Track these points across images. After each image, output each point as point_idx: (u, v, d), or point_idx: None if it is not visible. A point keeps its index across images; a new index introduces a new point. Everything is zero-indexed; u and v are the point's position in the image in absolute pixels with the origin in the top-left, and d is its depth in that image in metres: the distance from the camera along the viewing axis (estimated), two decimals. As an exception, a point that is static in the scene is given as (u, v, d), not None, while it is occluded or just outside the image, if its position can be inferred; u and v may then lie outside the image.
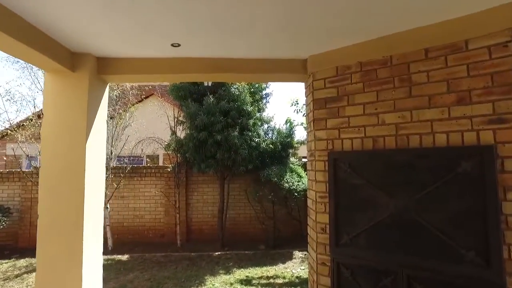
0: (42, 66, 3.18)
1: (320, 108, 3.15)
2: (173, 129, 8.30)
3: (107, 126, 8.42)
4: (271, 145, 7.70)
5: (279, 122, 26.25)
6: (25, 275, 6.01)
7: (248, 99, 7.29)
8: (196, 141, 7.10)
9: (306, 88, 3.55)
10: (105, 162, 3.79)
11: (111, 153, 8.07)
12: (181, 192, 8.46)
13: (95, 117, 3.44)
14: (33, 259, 7.02)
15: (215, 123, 6.94)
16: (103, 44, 3.11)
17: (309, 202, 3.44)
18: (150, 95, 11.30)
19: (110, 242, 7.71)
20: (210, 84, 7.16)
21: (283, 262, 6.51)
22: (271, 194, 7.55)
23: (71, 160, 3.23)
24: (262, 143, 7.54)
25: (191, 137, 7.18)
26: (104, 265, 6.75)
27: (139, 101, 10.50)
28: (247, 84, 7.50)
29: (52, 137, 3.25)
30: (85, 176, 3.21)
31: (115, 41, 2.99)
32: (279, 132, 8.27)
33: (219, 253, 7.26)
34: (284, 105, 32.39)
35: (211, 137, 6.99)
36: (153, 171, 8.77)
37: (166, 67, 3.45)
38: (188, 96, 7.31)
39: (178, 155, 8.30)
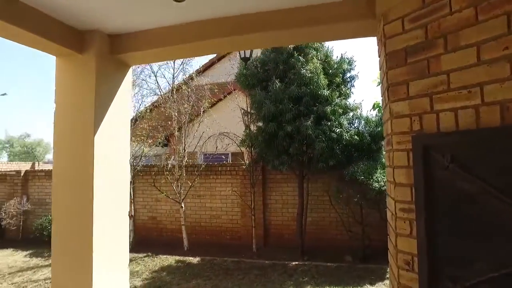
0: (48, 50, 2.75)
1: (397, 65, 1.93)
2: (246, 122, 7.62)
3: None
4: (356, 137, 6.34)
5: (367, 108, 23.12)
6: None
7: (323, 81, 6.09)
8: (265, 134, 6.25)
9: (378, 42, 2.32)
10: (128, 156, 3.23)
11: (184, 151, 7.86)
12: (257, 192, 7.75)
13: (109, 105, 2.88)
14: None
15: (284, 112, 5.97)
16: (108, 15, 2.51)
17: (388, 215, 2.23)
18: (229, 93, 10.93)
19: (185, 243, 7.50)
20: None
21: (372, 283, 5.16)
22: (358, 196, 6.21)
23: (78, 154, 2.73)
24: (345, 134, 6.24)
25: (259, 130, 6.37)
26: (173, 267, 6.65)
27: (220, 99, 10.24)
28: (321, 64, 6.30)
29: (62, 129, 2.80)
30: (94, 172, 2.65)
31: (118, 8, 2.36)
32: (367, 120, 6.81)
33: (297, 263, 6.28)
34: (372, 87, 28.88)
35: (281, 129, 6.05)
36: (228, 169, 8.29)
37: (177, 36, 2.67)
38: (256, 84, 6.51)
39: (252, 151, 7.61)
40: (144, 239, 8.21)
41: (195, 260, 6.64)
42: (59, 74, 2.86)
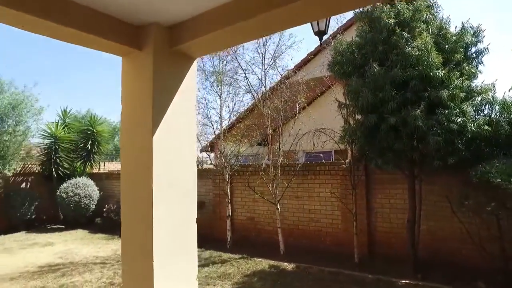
0: (112, 51, 2.72)
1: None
2: (345, 116, 6.81)
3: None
4: (487, 127, 4.91)
5: (504, 89, 18.23)
6: (200, 268, 6.24)
7: (436, 59, 4.88)
8: (365, 128, 5.40)
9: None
10: (194, 158, 3.00)
11: (279, 150, 7.54)
12: (359, 194, 6.87)
13: (169, 103, 2.69)
14: (216, 252, 7.40)
15: (386, 101, 5.01)
16: (164, 5, 2.31)
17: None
18: (328, 87, 10.16)
19: (281, 246, 7.15)
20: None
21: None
22: (492, 203, 4.79)
23: (138, 157, 2.60)
24: (470, 125, 4.89)
25: (357, 124, 5.54)
26: (266, 273, 6.27)
27: (318, 95, 9.59)
28: (432, 38, 5.05)
29: (125, 130, 2.73)
30: (152, 175, 2.48)
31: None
32: (504, 105, 5.22)
33: (408, 281, 5.23)
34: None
35: (383, 121, 5.12)
36: (327, 169, 7.62)
37: (238, 12, 2.27)
38: (352, 71, 5.69)
39: (353, 148, 6.78)
40: (242, 239, 8.23)
41: (289, 266, 6.23)
42: (123, 74, 2.80)
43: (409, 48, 4.90)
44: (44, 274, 6.30)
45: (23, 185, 11.68)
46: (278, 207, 7.35)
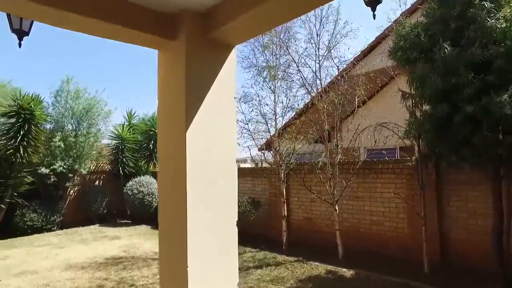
0: (144, 43, 2.60)
1: None
2: (410, 108, 6.06)
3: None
4: None
5: None
6: (252, 270, 6.05)
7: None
8: (434, 120, 4.69)
9: None
10: (234, 156, 2.76)
11: (337, 147, 7.02)
12: (428, 196, 6.07)
13: (204, 96, 2.49)
14: (271, 253, 7.15)
15: (461, 87, 4.26)
16: None
17: None
18: (391, 78, 9.28)
19: (340, 250, 6.65)
20: None
21: None
22: None
23: (172, 154, 2.44)
24: None
25: (425, 116, 4.84)
26: (321, 279, 5.76)
27: (380, 87, 8.79)
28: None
29: (161, 126, 2.61)
30: (186, 174, 2.30)
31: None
32: None
33: (492, 300, 4.42)
34: None
35: (457, 111, 4.37)
36: (390, 167, 6.91)
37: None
38: (418, 56, 4.98)
39: (420, 143, 6.02)
40: (298, 241, 7.88)
41: (348, 273, 5.72)
42: (159, 68, 2.68)
43: (493, 21, 4.08)
44: (109, 266, 6.65)
45: (96, 182, 12.73)
46: (336, 208, 6.85)
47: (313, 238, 7.80)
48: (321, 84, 7.00)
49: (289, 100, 7.74)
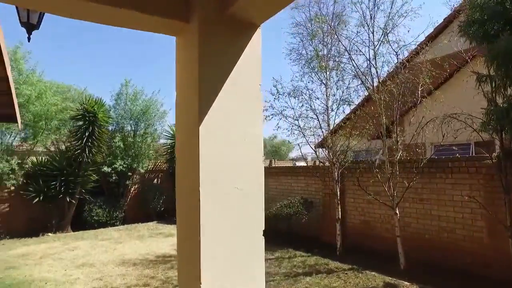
0: (161, 29, 2.34)
1: None
2: (489, 94, 5.04)
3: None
4: None
5: None
6: (301, 277, 5.60)
7: None
8: (521, 108, 3.78)
9: None
10: (259, 155, 2.37)
11: (397, 142, 6.22)
12: (514, 200, 5.03)
13: (222, 83, 2.14)
14: (323, 259, 6.62)
15: (559, 64, 3.33)
16: None
17: None
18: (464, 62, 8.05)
19: (401, 259, 5.87)
20: None
21: None
22: None
23: (186, 150, 2.14)
24: None
25: (509, 102, 3.94)
26: None
27: (450, 75, 7.68)
28: None
29: (178, 121, 2.32)
30: (199, 173, 1.97)
31: None
32: None
33: None
34: None
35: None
36: (463, 165, 5.92)
37: None
38: (500, 28, 4.07)
39: (503, 137, 5.01)
40: (354, 246, 7.22)
41: None
42: (176, 57, 2.40)
43: None
44: (158, 264, 6.72)
45: (155, 181, 13.27)
46: (397, 211, 6.07)
47: (370, 244, 7.07)
48: (377, 73, 6.25)
49: (342, 92, 7.09)
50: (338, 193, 7.33)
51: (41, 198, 9.66)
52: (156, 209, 12.21)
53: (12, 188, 9.90)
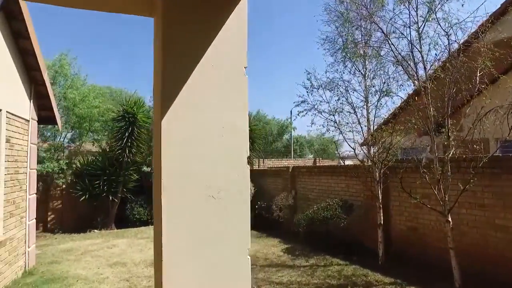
0: (133, 10, 2.00)
1: None
2: None
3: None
4: None
5: None
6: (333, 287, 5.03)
7: None
8: None
9: None
10: (245, 152, 1.92)
11: (449, 138, 5.33)
12: None
13: (191, 65, 1.74)
14: (363, 269, 5.95)
15: None
16: None
17: None
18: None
19: (456, 274, 5.00)
20: None
21: None
22: None
23: (154, 146, 1.78)
24: None
25: None
26: None
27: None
28: None
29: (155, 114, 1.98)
30: (161, 171, 1.60)
31: None
32: None
33: None
34: None
35: None
36: (535, 164, 4.89)
37: None
38: None
39: None
40: (399, 255, 6.42)
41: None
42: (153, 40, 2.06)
43: None
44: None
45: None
46: (449, 218, 5.20)
47: (417, 254, 6.22)
48: (422, 58, 5.40)
49: (383, 82, 6.32)
50: (380, 195, 6.57)
51: (87, 196, 10.12)
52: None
53: (64, 186, 10.52)
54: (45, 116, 7.19)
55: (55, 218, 10.52)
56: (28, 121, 6.24)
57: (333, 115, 6.78)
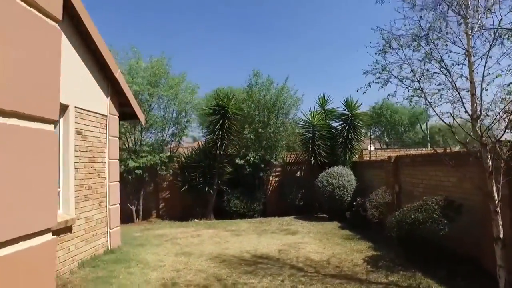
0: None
1: None
2: None
3: None
4: None
5: None
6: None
7: None
8: None
9: None
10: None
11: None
12: None
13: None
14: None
15: None
16: None
17: None
18: None
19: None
20: None
21: None
22: None
23: None
24: None
25: None
26: None
27: None
28: None
29: None
30: None
31: None
32: None
33: None
34: None
35: None
36: None
37: None
38: None
39: None
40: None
41: None
42: None
43: None
44: (243, 265, 5.96)
45: (297, 173, 12.54)
46: None
47: None
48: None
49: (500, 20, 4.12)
50: (497, 195, 4.32)
51: (186, 187, 10.81)
52: (295, 203, 11.46)
53: (171, 178, 11.59)
54: (129, 113, 7.89)
55: (165, 207, 11.71)
56: (106, 116, 6.90)
57: (418, 82, 4.90)
